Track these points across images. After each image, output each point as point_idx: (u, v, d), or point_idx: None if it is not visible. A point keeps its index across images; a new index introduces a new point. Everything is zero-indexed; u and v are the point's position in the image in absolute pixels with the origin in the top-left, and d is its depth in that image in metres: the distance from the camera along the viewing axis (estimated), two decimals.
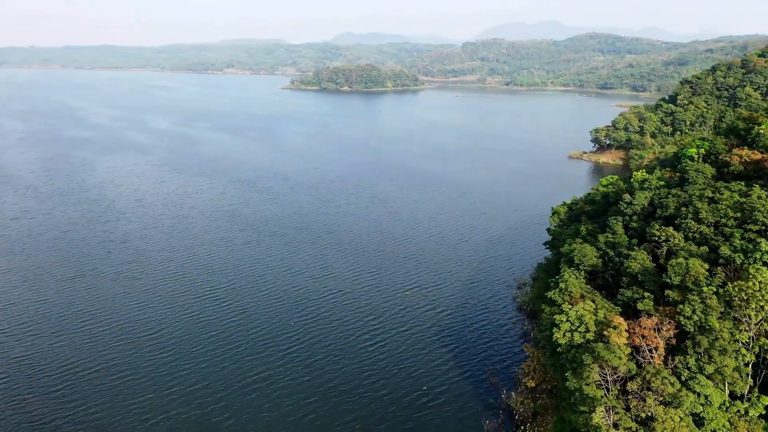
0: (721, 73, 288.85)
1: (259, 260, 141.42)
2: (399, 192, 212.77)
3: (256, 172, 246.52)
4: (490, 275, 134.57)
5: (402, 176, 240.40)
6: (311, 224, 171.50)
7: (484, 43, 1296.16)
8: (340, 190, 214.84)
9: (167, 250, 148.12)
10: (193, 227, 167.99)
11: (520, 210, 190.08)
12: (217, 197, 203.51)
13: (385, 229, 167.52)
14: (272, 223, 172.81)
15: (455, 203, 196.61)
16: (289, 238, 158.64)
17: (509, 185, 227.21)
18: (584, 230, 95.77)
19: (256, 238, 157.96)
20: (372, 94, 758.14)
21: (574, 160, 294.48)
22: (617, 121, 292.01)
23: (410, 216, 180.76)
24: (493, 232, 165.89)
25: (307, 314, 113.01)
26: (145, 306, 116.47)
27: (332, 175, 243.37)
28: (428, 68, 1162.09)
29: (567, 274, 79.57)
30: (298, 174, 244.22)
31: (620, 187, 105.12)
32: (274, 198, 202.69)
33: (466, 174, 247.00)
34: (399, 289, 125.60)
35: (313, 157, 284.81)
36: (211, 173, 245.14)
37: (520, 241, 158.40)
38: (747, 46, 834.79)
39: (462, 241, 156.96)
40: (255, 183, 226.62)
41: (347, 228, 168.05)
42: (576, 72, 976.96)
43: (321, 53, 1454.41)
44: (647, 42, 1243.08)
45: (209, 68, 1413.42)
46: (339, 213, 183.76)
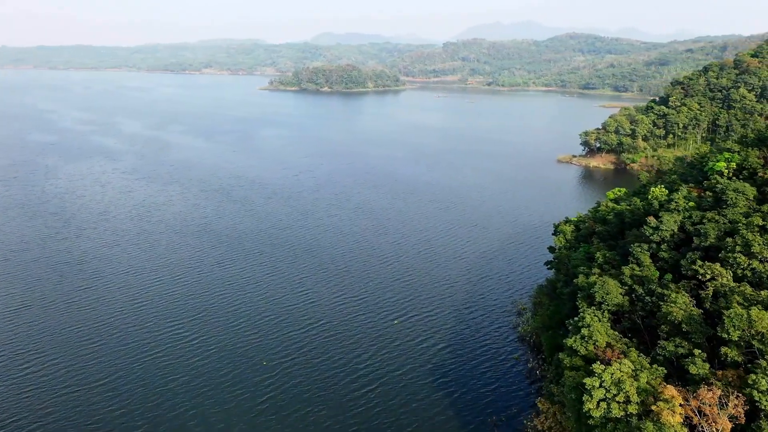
0: (713, 74, 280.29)
1: (231, 285, 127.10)
2: (384, 201, 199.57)
3: (231, 180, 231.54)
4: (487, 299, 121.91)
5: (387, 183, 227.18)
6: (290, 240, 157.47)
7: (465, 43, 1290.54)
8: (322, 200, 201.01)
9: (128, 273, 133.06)
10: (159, 245, 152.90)
11: (514, 220, 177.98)
12: (188, 209, 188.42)
13: (370, 245, 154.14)
14: (247, 239, 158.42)
15: (445, 213, 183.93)
16: (266, 257, 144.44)
17: (499, 192, 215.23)
18: (600, 258, 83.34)
19: (228, 258, 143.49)
20: (353, 95, 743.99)
21: (564, 164, 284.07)
22: (608, 123, 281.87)
23: (397, 229, 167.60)
24: (486, 246, 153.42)
25: (282, 352, 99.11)
26: (97, 345, 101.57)
27: (313, 182, 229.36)
28: (409, 68, 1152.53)
29: (589, 316, 67.00)
30: (277, 182, 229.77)
31: (636, 205, 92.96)
32: (249, 209, 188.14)
33: (454, 180, 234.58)
34: (388, 318, 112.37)
35: (293, 163, 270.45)
36: (183, 181, 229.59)
37: (517, 257, 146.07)
38: (726, 46, 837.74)
39: (454, 259, 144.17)
40: (230, 192, 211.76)
41: (329, 244, 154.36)
42: (558, 72, 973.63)
43: (301, 53, 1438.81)
44: (627, 42, 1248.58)
45: (187, 68, 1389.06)
46: (320, 227, 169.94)
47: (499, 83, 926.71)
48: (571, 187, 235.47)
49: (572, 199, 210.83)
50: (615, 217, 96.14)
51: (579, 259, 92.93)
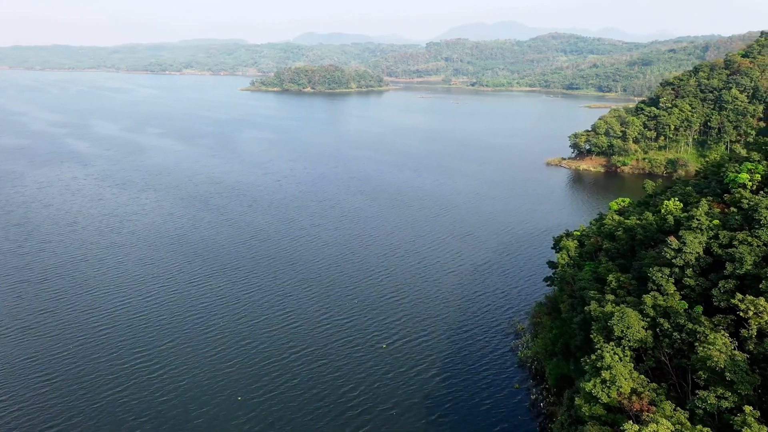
0: (704, 74, 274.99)
1: (205, 306, 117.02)
2: (371, 209, 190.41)
3: (209, 187, 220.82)
4: (482, 318, 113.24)
5: (373, 189, 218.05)
6: (271, 253, 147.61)
7: (448, 43, 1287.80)
8: (305, 208, 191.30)
9: (93, 293, 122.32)
10: (129, 260, 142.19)
11: (506, 229, 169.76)
12: (162, 219, 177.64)
13: (356, 257, 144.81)
14: (224, 252, 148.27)
15: (435, 222, 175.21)
16: (244, 272, 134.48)
17: (490, 198, 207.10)
18: (614, 281, 74.95)
19: (203, 274, 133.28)
20: (336, 96, 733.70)
21: (553, 167, 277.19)
22: (597, 125, 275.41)
23: (385, 240, 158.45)
24: (480, 258, 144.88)
25: (260, 386, 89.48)
26: (54, 380, 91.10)
27: (296, 188, 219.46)
28: (392, 68, 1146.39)
29: (608, 355, 58.46)
30: (257, 188, 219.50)
31: (648, 220, 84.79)
32: (228, 219, 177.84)
33: (443, 185, 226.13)
34: (376, 341, 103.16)
35: (275, 168, 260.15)
36: (158, 188, 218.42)
37: (512, 270, 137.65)
38: (708, 47, 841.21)
39: (446, 272, 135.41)
40: (207, 200, 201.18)
41: (313, 257, 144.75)
42: (541, 72, 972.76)
43: (283, 53, 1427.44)
44: (608, 42, 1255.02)
45: (167, 69, 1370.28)
46: (303, 237, 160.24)
47: (482, 83, 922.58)
48: (562, 192, 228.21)
49: (565, 205, 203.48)
50: (624, 234, 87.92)
51: (586, 279, 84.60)
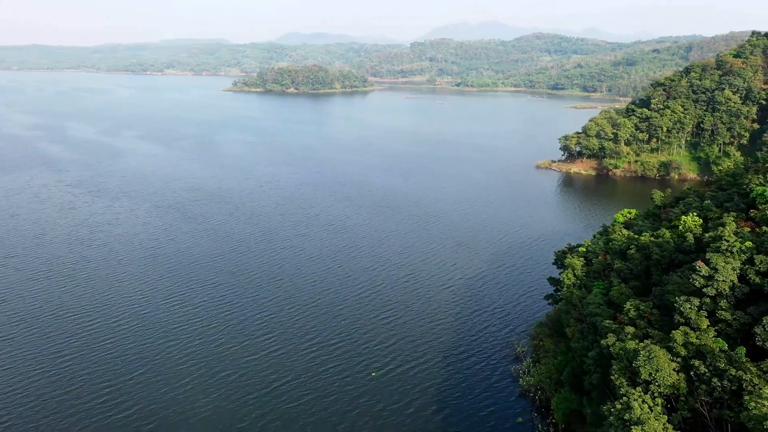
0: (695, 75, 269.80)
1: (180, 329, 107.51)
2: (358, 216, 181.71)
3: (187, 194, 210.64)
4: (479, 339, 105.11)
5: (360, 195, 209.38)
6: (252, 267, 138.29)
7: (432, 43, 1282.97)
8: (289, 216, 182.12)
9: (56, 317, 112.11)
10: (98, 276, 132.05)
11: (501, 238, 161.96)
12: (137, 230, 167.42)
13: (343, 271, 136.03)
14: (202, 267, 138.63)
15: (425, 231, 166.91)
16: (223, 290, 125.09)
17: (482, 204, 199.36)
18: (632, 310, 66.94)
19: (178, 292, 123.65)
20: (320, 96, 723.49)
21: (543, 169, 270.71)
22: (588, 127, 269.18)
23: (374, 251, 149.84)
24: (474, 271, 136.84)
25: (240, 426, 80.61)
26: (3, 423, 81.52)
27: (279, 195, 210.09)
28: (376, 69, 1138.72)
29: (637, 405, 50.55)
30: (238, 195, 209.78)
31: (665, 238, 77.12)
32: (207, 229, 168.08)
33: (432, 190, 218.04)
34: (365, 369, 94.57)
35: (257, 172, 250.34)
36: (133, 195, 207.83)
37: (509, 284, 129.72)
38: (691, 47, 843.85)
39: (439, 288, 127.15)
40: (186, 208, 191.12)
41: (296, 272, 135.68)
42: (525, 72, 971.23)
43: (266, 53, 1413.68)
44: (592, 42, 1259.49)
45: (148, 69, 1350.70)
46: (287, 249, 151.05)
47: (467, 83, 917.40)
48: (554, 197, 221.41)
49: (559, 211, 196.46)
50: (638, 252, 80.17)
51: (596, 303, 76.73)
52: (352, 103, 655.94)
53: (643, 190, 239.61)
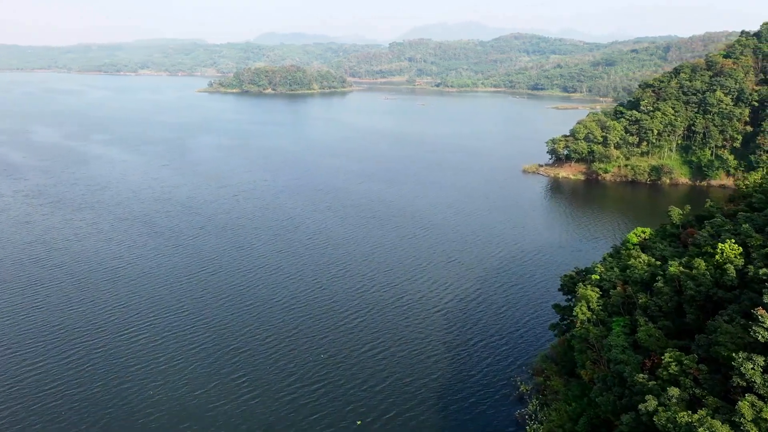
0: (685, 76, 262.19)
1: (139, 368, 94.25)
2: (340, 229, 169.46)
3: (157, 204, 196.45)
4: (478, 375, 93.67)
5: (342, 204, 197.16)
6: (224, 290, 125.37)
7: (411, 43, 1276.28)
8: (265, 229, 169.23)
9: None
10: (50, 304, 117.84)
11: (492, 252, 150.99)
12: (98, 247, 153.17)
13: (325, 295, 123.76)
14: (168, 290, 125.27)
15: (413, 245, 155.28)
16: (190, 318, 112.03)
17: (469, 213, 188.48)
18: (672, 364, 55.64)
19: (139, 323, 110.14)
20: (298, 97, 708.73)
21: (530, 174, 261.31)
22: (576, 130, 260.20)
23: (358, 269, 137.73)
24: (468, 291, 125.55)
25: None
26: None
27: (255, 205, 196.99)
28: (355, 69, 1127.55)
29: None
30: (212, 205, 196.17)
31: (701, 270, 66.32)
32: (175, 245, 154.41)
33: (418, 198, 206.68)
34: (350, 417, 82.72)
35: (232, 180, 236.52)
36: (97, 207, 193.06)
37: (506, 307, 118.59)
38: (669, 47, 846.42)
39: (432, 312, 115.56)
40: (154, 221, 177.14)
41: (273, 296, 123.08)
42: (505, 72, 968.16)
43: (243, 53, 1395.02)
44: (570, 43, 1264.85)
45: (121, 69, 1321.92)
46: (263, 268, 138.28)
47: (447, 84, 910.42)
48: (544, 204, 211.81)
49: (551, 220, 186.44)
50: (666, 286, 69.37)
51: (620, 346, 65.81)
52: (330, 104, 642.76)
53: (634, 195, 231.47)
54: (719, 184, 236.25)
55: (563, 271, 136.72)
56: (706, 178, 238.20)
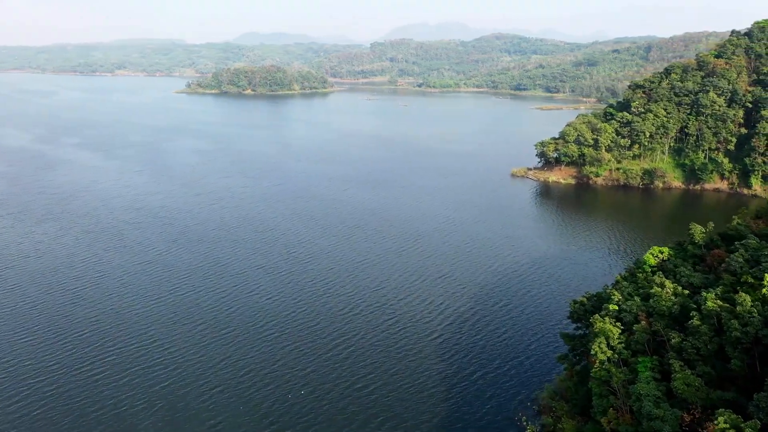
0: (676, 76, 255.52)
1: (96, 410, 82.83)
2: (323, 241, 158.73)
3: (127, 214, 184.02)
4: (480, 413, 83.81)
5: (324, 214, 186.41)
6: (195, 314, 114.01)
7: (393, 43, 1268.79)
8: (244, 242, 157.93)
9: None
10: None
11: (485, 266, 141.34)
12: (59, 264, 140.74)
13: (308, 318, 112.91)
14: (133, 316, 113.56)
15: (402, 259, 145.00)
16: (157, 349, 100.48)
17: (458, 222, 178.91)
18: (728, 430, 46.35)
19: (99, 356, 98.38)
20: (278, 98, 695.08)
21: (519, 178, 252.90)
22: (566, 132, 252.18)
23: (343, 287, 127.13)
24: (463, 311, 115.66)
25: None
26: None
27: (233, 214, 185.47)
28: (336, 69, 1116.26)
29: None
30: (187, 215, 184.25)
31: (746, 306, 57.03)
32: (144, 262, 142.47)
33: (405, 206, 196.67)
34: None
35: (209, 187, 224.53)
36: (62, 218, 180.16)
37: (507, 329, 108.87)
38: (651, 47, 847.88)
39: (426, 338, 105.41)
40: (123, 234, 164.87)
41: (250, 321, 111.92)
42: (487, 73, 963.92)
43: (222, 53, 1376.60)
44: (551, 43, 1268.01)
45: (98, 70, 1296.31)
46: (240, 287, 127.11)
47: (429, 84, 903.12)
48: (536, 210, 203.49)
49: (545, 228, 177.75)
50: (704, 324, 60.01)
51: (651, 396, 56.38)
52: (311, 106, 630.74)
53: (627, 200, 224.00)
54: (713, 188, 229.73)
55: (563, 287, 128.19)
56: (699, 182, 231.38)
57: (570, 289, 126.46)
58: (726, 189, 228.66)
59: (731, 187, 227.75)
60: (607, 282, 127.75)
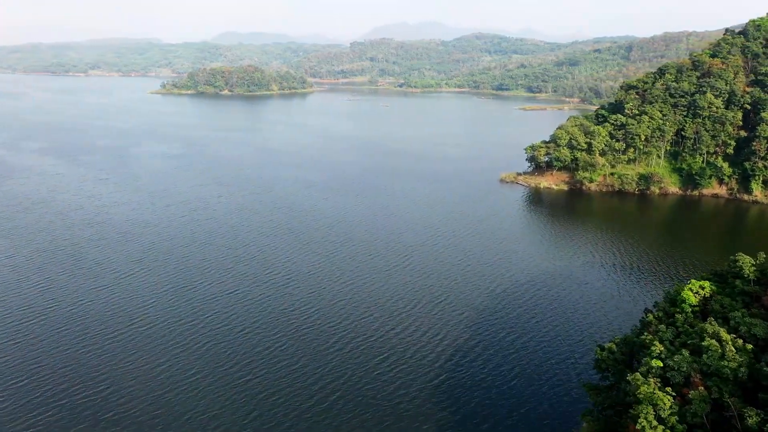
0: (670, 77, 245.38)
1: None
2: (304, 259, 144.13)
3: (87, 230, 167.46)
4: None
5: (305, 226, 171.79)
6: (157, 353, 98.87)
7: (373, 42, 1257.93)
8: (215, 262, 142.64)
9: None
10: None
11: (483, 287, 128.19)
12: (6, 290, 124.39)
13: (288, 358, 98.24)
14: (85, 353, 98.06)
15: (392, 281, 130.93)
16: (109, 395, 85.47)
17: (449, 236, 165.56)
18: None
19: (39, 404, 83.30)
20: (256, 99, 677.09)
21: (508, 184, 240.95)
22: (558, 136, 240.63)
23: (328, 318, 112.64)
24: (462, 348, 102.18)
25: None
26: None
27: (204, 228, 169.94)
28: (316, 69, 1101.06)
29: None
30: (154, 230, 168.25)
31: None
32: (99, 288, 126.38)
33: (391, 218, 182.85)
34: None
35: (181, 197, 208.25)
36: (13, 235, 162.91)
37: (513, 367, 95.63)
38: (632, 47, 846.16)
39: (423, 379, 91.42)
40: (81, 251, 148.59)
41: (220, 361, 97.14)
42: (468, 72, 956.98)
43: (200, 53, 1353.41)
44: (531, 42, 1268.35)
45: (70, 70, 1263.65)
46: (210, 319, 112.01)
47: (410, 84, 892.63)
48: (529, 220, 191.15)
49: (542, 241, 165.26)
50: None
51: None
52: (290, 107, 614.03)
53: (624, 207, 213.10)
54: (711, 194, 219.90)
55: (569, 312, 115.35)
56: (697, 188, 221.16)
57: (577, 315, 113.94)
58: (725, 195, 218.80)
59: (730, 193, 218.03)
60: (617, 307, 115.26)
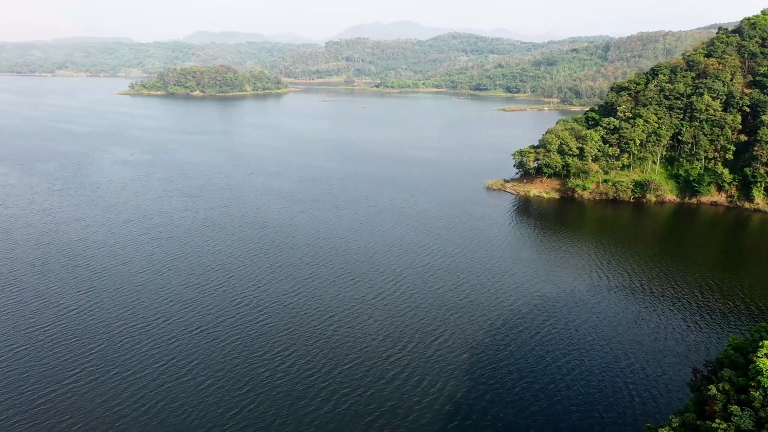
0: (664, 78, 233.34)
1: None
2: (279, 286, 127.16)
3: (31, 253, 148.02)
4: None
5: (280, 246, 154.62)
6: (106, 407, 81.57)
7: (348, 42, 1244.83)
8: (177, 290, 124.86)
9: None
10: None
11: (488, 318, 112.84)
12: None
13: (251, 420, 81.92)
14: (14, 417, 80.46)
15: (379, 315, 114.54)
16: None
17: (439, 255, 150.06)
18: None
19: None
20: (228, 100, 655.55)
21: (495, 191, 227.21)
22: (548, 140, 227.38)
23: (306, 366, 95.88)
24: (466, 404, 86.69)
25: None
26: None
27: (166, 249, 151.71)
28: (291, 69, 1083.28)
29: None
30: (108, 251, 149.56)
31: None
32: (39, 326, 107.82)
33: (375, 234, 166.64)
34: None
35: (141, 211, 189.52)
36: None
37: (534, 421, 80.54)
38: (609, 47, 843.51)
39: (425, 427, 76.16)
40: (20, 280, 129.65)
41: (181, 419, 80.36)
42: (446, 72, 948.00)
43: (171, 53, 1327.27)
44: (507, 42, 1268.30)
45: (37, 70, 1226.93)
46: (169, 366, 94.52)
47: (387, 84, 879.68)
48: (521, 233, 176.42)
49: (538, 258, 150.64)
50: None
51: None
52: (265, 108, 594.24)
53: (619, 217, 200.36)
54: (710, 201, 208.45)
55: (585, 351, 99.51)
56: (696, 195, 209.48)
57: (594, 353, 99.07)
58: (725, 202, 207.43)
59: (730, 200, 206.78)
60: (637, 341, 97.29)
